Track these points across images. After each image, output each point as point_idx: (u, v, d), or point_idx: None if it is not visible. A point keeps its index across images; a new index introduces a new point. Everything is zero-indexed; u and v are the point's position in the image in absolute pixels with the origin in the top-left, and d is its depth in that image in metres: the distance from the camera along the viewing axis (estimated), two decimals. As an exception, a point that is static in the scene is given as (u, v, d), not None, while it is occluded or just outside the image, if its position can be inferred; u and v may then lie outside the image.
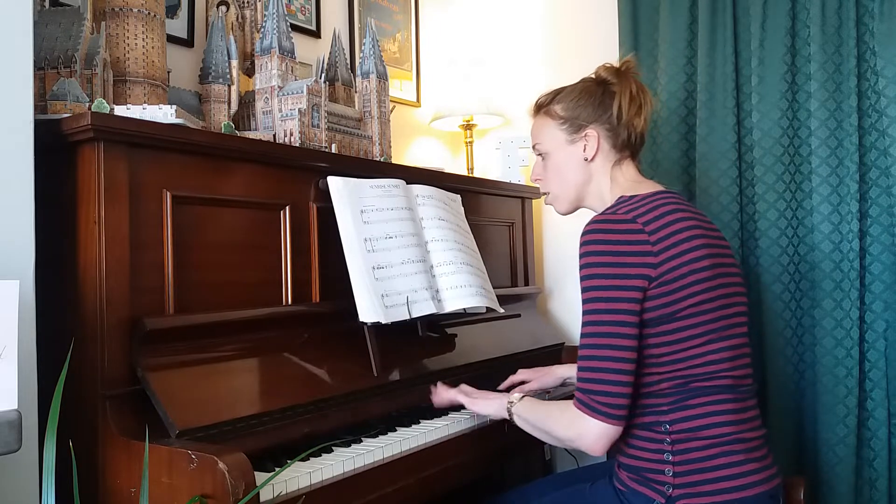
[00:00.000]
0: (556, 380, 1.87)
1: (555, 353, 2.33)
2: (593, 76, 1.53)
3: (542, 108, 1.56)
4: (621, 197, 1.42)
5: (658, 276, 1.29)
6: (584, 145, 1.48)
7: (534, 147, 1.58)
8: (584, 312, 1.33)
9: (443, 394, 1.65)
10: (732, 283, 1.39)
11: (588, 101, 1.48)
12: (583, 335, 1.32)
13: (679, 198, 1.43)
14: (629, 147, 1.49)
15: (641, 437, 1.35)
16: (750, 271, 2.18)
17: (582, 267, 1.34)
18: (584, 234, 1.36)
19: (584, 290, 1.34)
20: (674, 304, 1.30)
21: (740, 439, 1.32)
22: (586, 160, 1.48)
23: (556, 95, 1.54)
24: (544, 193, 1.60)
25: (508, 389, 1.81)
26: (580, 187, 1.52)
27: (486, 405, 1.56)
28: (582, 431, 1.30)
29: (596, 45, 2.56)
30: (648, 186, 1.46)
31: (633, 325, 1.29)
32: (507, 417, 1.49)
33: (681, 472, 1.30)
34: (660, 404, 1.33)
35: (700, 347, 1.31)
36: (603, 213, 1.40)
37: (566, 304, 2.65)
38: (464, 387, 1.66)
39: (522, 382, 1.86)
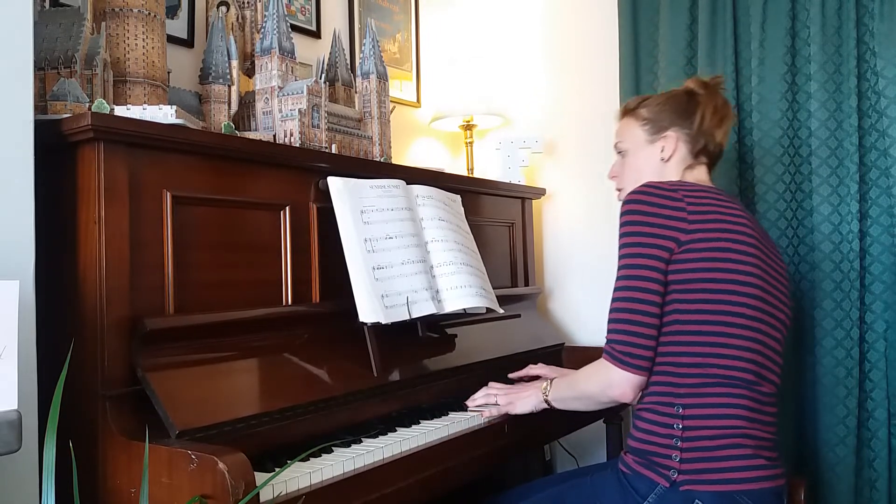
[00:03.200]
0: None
1: (555, 354, 2.33)
2: (680, 87, 1.61)
3: (628, 111, 1.64)
4: (679, 180, 1.51)
5: (688, 242, 1.35)
6: (663, 146, 1.55)
7: (615, 146, 1.66)
8: (619, 268, 1.41)
9: (479, 400, 1.70)
10: (776, 286, 1.43)
11: (672, 107, 1.56)
12: (614, 289, 1.40)
13: (735, 199, 1.50)
14: (705, 154, 1.56)
15: (653, 420, 1.37)
16: (750, 272, 2.18)
17: (621, 226, 1.42)
18: (628, 195, 1.43)
19: (619, 248, 1.41)
20: (703, 271, 1.35)
21: (751, 436, 1.34)
22: (662, 160, 1.56)
23: (643, 100, 1.62)
24: (618, 189, 1.67)
25: (520, 378, 1.91)
26: None
27: (524, 404, 1.62)
28: (610, 380, 1.39)
29: (596, 46, 2.56)
30: (710, 185, 1.54)
31: (658, 282, 1.35)
32: (547, 407, 1.59)
33: (688, 458, 1.32)
34: (677, 384, 1.36)
35: (726, 328, 1.35)
36: (650, 181, 1.46)
37: (566, 304, 2.65)
38: (493, 386, 1.72)
39: (537, 377, 1.89)
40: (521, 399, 1.63)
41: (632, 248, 1.38)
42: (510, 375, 1.93)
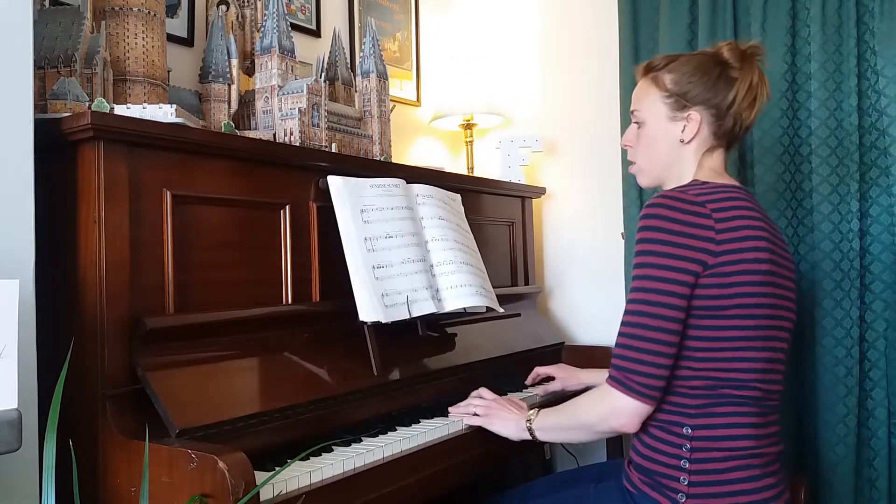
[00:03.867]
0: (578, 384, 1.89)
1: (555, 353, 2.33)
2: (712, 51, 1.43)
3: (651, 70, 1.46)
4: (695, 180, 1.38)
5: (715, 266, 1.25)
6: (684, 126, 1.40)
7: (632, 112, 1.49)
8: (633, 289, 1.30)
9: (461, 408, 1.62)
10: (785, 295, 1.36)
11: (701, 80, 1.39)
12: (627, 311, 1.29)
13: (752, 197, 1.39)
14: (729, 137, 1.42)
15: (660, 438, 1.32)
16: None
17: (640, 241, 1.30)
18: (649, 206, 1.31)
19: (637, 265, 1.30)
20: (724, 298, 1.26)
21: (759, 454, 1.30)
22: (681, 141, 1.41)
23: (670, 62, 1.43)
24: (631, 161, 1.54)
25: (535, 383, 1.89)
26: (667, 166, 1.45)
27: (502, 426, 1.53)
28: (615, 408, 1.29)
29: (596, 46, 2.56)
30: (727, 180, 1.42)
31: (680, 309, 1.25)
32: (529, 438, 1.49)
33: (696, 481, 1.28)
34: (686, 405, 1.30)
35: (738, 352, 1.28)
36: (672, 190, 1.34)
37: (566, 304, 2.65)
38: (481, 394, 1.64)
39: (549, 377, 1.91)
40: (500, 418, 1.53)
41: (653, 268, 1.26)
42: (526, 382, 1.93)
